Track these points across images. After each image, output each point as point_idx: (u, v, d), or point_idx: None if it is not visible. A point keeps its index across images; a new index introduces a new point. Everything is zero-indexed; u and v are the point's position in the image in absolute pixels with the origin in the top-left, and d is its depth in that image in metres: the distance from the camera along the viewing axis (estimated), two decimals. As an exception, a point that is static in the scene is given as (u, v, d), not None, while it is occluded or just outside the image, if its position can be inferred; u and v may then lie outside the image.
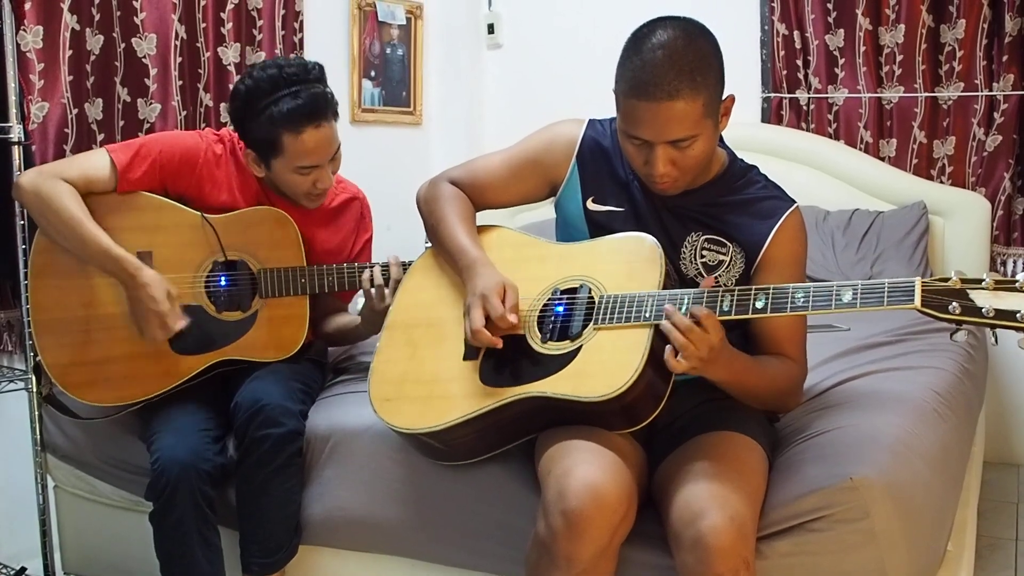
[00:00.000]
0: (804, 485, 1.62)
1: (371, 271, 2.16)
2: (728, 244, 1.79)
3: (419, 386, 1.82)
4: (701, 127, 1.64)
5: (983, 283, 1.45)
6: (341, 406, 2.13)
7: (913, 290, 1.48)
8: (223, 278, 2.18)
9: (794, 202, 1.82)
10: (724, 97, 1.70)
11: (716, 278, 1.77)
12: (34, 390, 2.34)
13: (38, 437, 2.39)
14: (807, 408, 1.93)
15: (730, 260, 1.79)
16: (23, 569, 2.45)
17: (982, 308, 1.44)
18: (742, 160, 1.88)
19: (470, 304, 1.76)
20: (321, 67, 2.15)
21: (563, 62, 4.04)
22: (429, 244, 2.03)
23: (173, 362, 2.12)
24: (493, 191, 1.99)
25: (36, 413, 2.37)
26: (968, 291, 1.46)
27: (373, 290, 2.15)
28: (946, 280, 1.48)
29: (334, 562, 2.10)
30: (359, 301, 2.60)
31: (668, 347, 1.59)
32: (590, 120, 1.92)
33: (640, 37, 1.65)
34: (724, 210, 1.80)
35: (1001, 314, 1.43)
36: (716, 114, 1.68)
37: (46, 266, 2.12)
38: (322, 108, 2.10)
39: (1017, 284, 1.44)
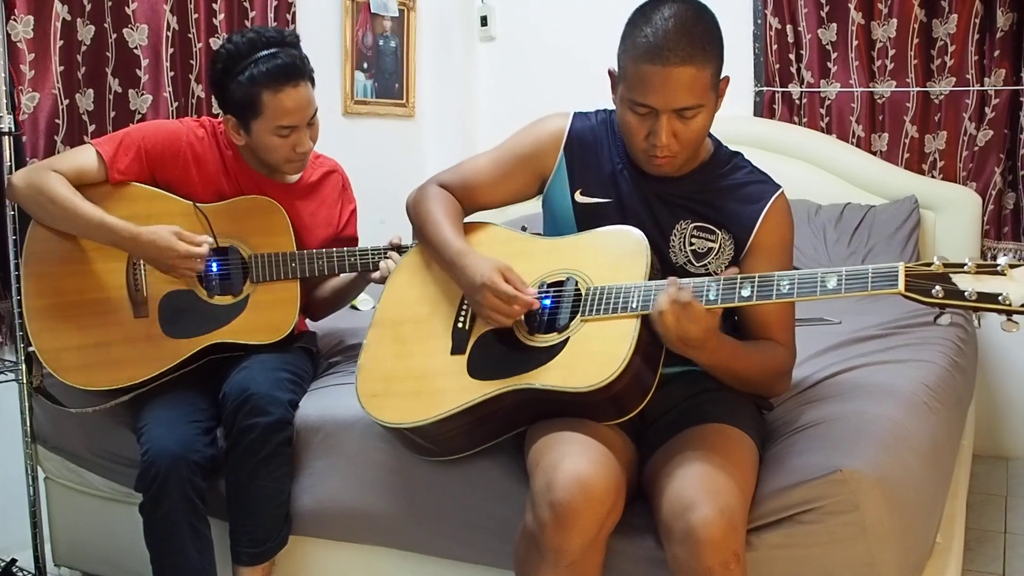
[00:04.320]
0: (794, 477, 1.62)
1: (386, 263, 2.19)
2: (717, 231, 1.80)
3: (407, 382, 1.82)
4: (707, 97, 1.67)
5: (965, 267, 1.46)
6: (333, 397, 2.13)
7: (896, 275, 1.49)
8: (214, 264, 2.19)
9: (779, 186, 1.83)
10: (722, 76, 1.73)
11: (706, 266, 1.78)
12: (24, 380, 2.33)
13: (28, 428, 2.38)
14: (797, 400, 1.93)
15: (720, 247, 1.79)
16: (13, 561, 2.44)
17: (965, 291, 1.45)
18: (726, 147, 1.89)
19: (477, 297, 1.74)
20: (296, 34, 2.23)
21: (556, 55, 4.04)
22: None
23: (165, 345, 2.13)
24: (484, 191, 1.98)
25: (26, 404, 2.37)
26: (951, 275, 1.47)
27: (376, 275, 2.22)
28: (929, 265, 1.48)
29: (325, 553, 2.10)
30: (365, 299, 2.65)
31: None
32: (575, 112, 1.92)
33: (647, 10, 1.68)
34: (712, 196, 1.81)
35: (984, 297, 1.43)
36: (718, 88, 1.71)
37: (40, 255, 2.15)
38: (300, 68, 2.15)
39: (999, 268, 1.44)
